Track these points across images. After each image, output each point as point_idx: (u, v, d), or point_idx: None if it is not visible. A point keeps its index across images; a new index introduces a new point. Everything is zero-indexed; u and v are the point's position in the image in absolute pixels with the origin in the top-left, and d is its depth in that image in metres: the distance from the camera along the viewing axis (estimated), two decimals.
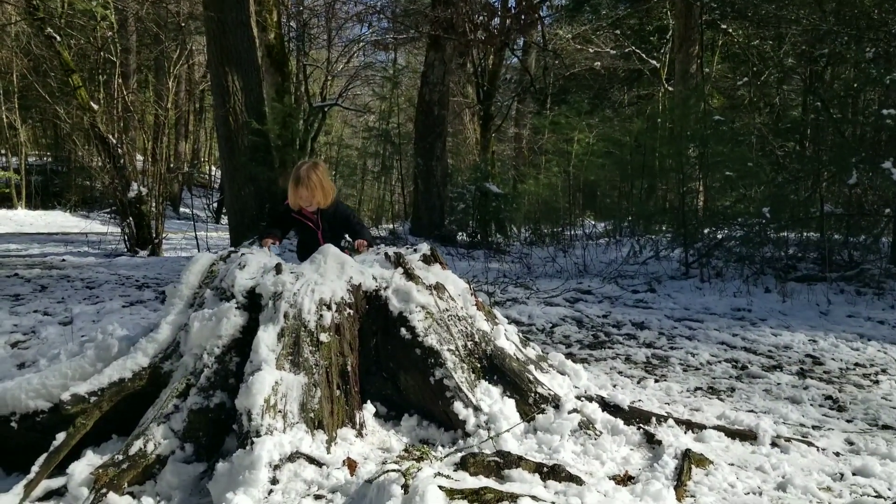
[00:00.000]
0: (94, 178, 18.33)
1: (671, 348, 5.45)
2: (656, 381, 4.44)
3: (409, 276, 3.46)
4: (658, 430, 3.19)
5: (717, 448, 3.14)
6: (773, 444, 3.19)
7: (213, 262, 3.47)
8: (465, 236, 14.98)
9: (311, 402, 2.85)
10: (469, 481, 2.39)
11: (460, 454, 2.72)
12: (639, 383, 4.37)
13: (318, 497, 2.45)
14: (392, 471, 2.33)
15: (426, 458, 2.73)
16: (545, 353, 3.93)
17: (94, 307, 6.54)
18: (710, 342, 5.66)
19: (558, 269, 10.03)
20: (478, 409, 3.08)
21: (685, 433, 3.26)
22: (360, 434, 3.01)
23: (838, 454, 3.17)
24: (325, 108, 20.33)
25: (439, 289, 3.49)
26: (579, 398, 3.36)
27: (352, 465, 2.68)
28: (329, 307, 3.12)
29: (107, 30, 14.00)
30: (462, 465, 2.60)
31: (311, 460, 2.63)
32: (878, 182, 8.59)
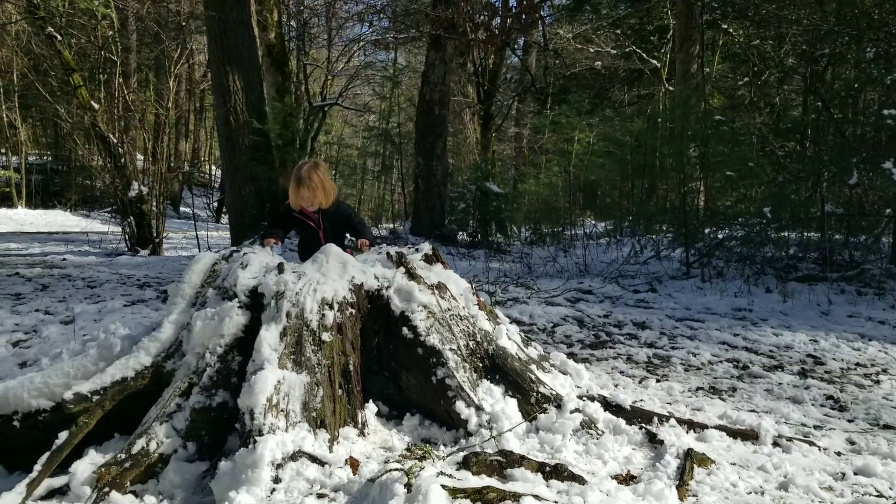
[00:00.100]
0: (95, 177, 18.34)
1: (672, 348, 5.45)
2: (658, 380, 4.45)
3: (411, 275, 3.45)
4: (660, 430, 3.19)
5: (718, 448, 3.14)
6: (775, 444, 3.19)
7: (215, 262, 3.47)
8: (466, 236, 14.98)
9: (314, 401, 2.86)
10: (472, 480, 2.40)
11: (462, 453, 2.72)
12: (640, 383, 4.37)
13: (320, 496, 2.45)
14: (395, 470, 2.33)
15: (428, 458, 2.74)
16: (547, 352, 3.93)
17: (96, 306, 6.54)
18: (712, 342, 5.66)
19: (559, 268, 10.03)
20: (480, 408, 3.08)
21: (687, 433, 3.26)
22: (362, 433, 3.02)
23: (840, 454, 3.17)
24: (326, 108, 20.33)
25: (441, 288, 3.49)
26: (581, 398, 3.36)
27: (354, 464, 2.68)
28: (331, 306, 3.12)
29: (107, 29, 14.00)
30: (464, 465, 2.60)
31: (313, 459, 2.63)
32: (879, 182, 8.60)
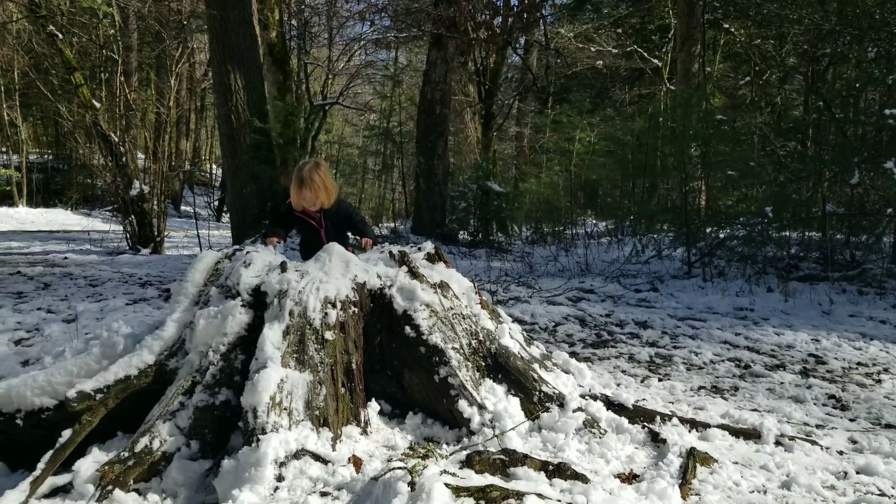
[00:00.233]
0: (96, 176, 18.32)
1: (674, 347, 5.45)
2: (660, 380, 4.45)
3: (414, 274, 3.46)
4: (662, 429, 3.20)
5: (721, 447, 3.14)
6: (777, 443, 3.19)
7: (218, 260, 3.47)
8: (467, 235, 15.00)
9: (317, 399, 2.86)
10: (475, 479, 2.40)
11: (465, 452, 2.72)
12: (642, 382, 4.38)
13: (323, 494, 2.45)
14: (398, 468, 2.33)
15: (431, 456, 2.74)
16: (549, 351, 3.93)
17: (98, 305, 6.55)
18: (714, 341, 5.66)
19: (560, 268, 10.03)
20: (482, 407, 3.09)
21: (689, 432, 3.26)
22: (364, 432, 3.02)
23: (842, 453, 3.17)
24: (327, 107, 20.34)
25: (444, 287, 3.49)
26: (584, 397, 3.37)
27: (357, 462, 2.69)
28: (334, 305, 3.13)
29: (109, 27, 14.00)
30: (467, 463, 2.60)
31: (316, 457, 2.63)
32: (880, 182, 8.61)
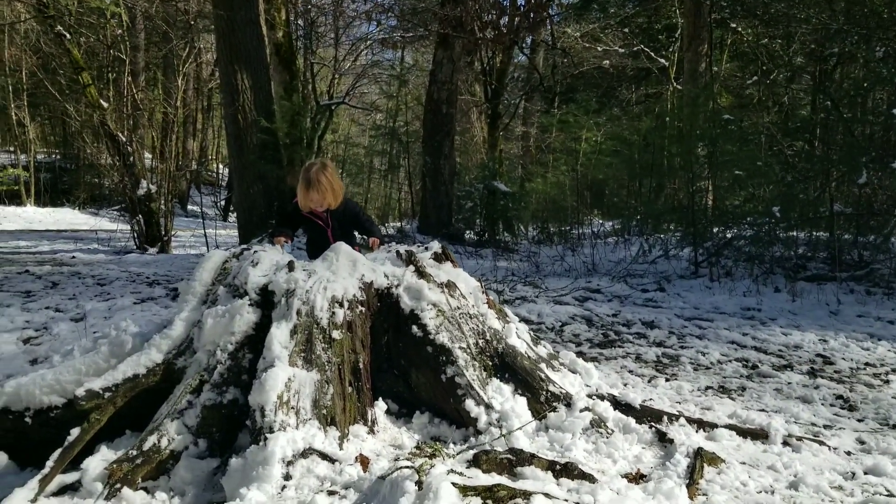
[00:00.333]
0: (103, 175, 18.42)
1: (681, 347, 5.44)
2: (667, 380, 4.44)
3: (421, 273, 3.46)
4: (670, 429, 3.19)
5: (728, 447, 3.13)
6: (785, 443, 3.19)
7: (226, 260, 3.48)
8: (473, 235, 14.99)
9: (324, 398, 2.86)
10: (482, 478, 2.40)
11: (472, 452, 2.72)
12: (650, 382, 4.37)
13: (331, 493, 2.46)
14: (405, 467, 2.34)
15: (438, 456, 2.74)
16: (556, 351, 3.94)
17: (106, 304, 6.57)
18: (721, 341, 5.65)
19: (567, 267, 10.02)
20: (489, 406, 3.09)
21: (697, 432, 3.26)
22: (371, 431, 3.02)
23: (850, 453, 3.16)
24: (333, 107, 20.36)
25: (451, 287, 3.49)
26: (591, 396, 3.37)
27: (364, 461, 2.69)
28: (341, 304, 3.13)
29: (116, 28, 14.05)
30: (474, 463, 2.60)
31: (323, 456, 2.64)
32: (888, 182, 8.57)
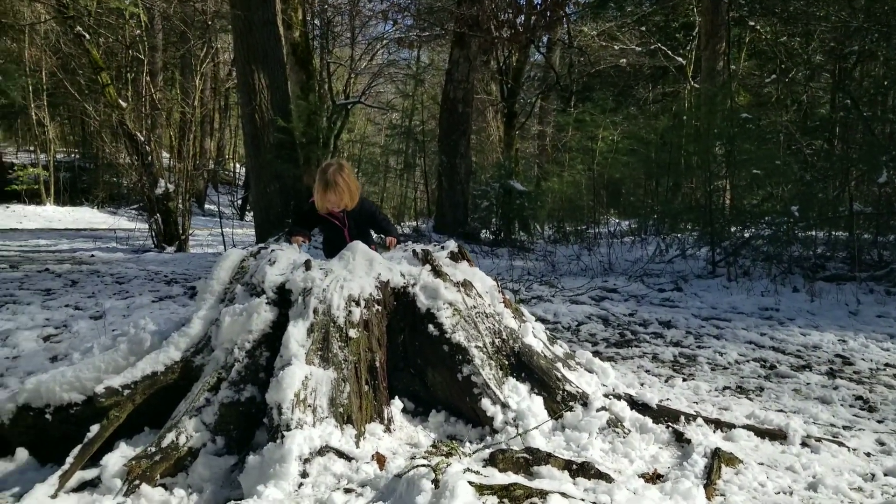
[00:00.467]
0: (122, 174, 18.54)
1: (699, 347, 5.41)
2: (684, 379, 4.42)
3: (437, 273, 3.46)
4: (687, 429, 3.17)
5: (746, 447, 3.11)
6: (804, 444, 3.16)
7: (243, 259, 3.50)
8: (489, 234, 14.98)
9: (341, 396, 2.87)
10: (498, 477, 2.40)
11: (489, 450, 2.72)
12: (666, 382, 4.35)
13: (347, 491, 2.46)
14: (422, 466, 2.34)
15: (455, 454, 2.74)
16: (572, 350, 3.92)
17: (125, 302, 6.63)
18: (738, 341, 5.61)
19: (583, 267, 9.99)
20: (506, 405, 3.09)
21: (714, 432, 3.24)
22: (388, 429, 3.03)
23: (869, 454, 3.14)
24: (349, 106, 20.38)
25: (467, 286, 3.49)
26: (607, 396, 3.35)
27: (381, 459, 2.70)
28: (358, 303, 3.14)
29: (135, 28, 14.15)
30: (491, 462, 2.60)
31: (340, 454, 2.65)
32: None
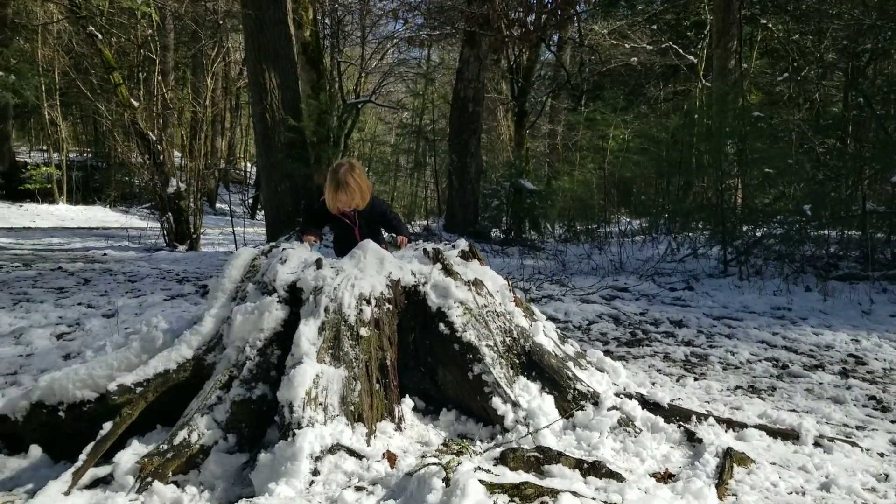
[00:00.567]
0: (134, 173, 18.65)
1: (710, 347, 5.39)
2: (696, 379, 4.41)
3: (448, 271, 3.46)
4: (698, 429, 3.16)
5: (758, 447, 3.10)
6: (816, 444, 3.14)
7: (254, 257, 3.51)
8: (500, 233, 14.96)
9: (352, 395, 2.88)
10: (509, 476, 2.39)
11: (499, 449, 2.72)
12: (678, 381, 4.34)
13: (358, 489, 2.47)
14: (432, 464, 2.34)
15: (465, 453, 2.74)
16: (583, 350, 3.91)
17: (137, 300, 6.66)
18: (750, 341, 5.59)
19: (594, 266, 9.97)
20: (516, 404, 3.08)
21: (726, 432, 3.22)
22: (398, 428, 3.03)
23: (883, 455, 3.12)
24: (359, 105, 20.41)
25: (478, 285, 3.49)
26: (618, 395, 3.34)
27: (392, 457, 2.70)
28: (368, 302, 3.15)
29: (147, 28, 14.22)
30: (501, 460, 2.60)
31: (351, 452, 2.65)
32: None
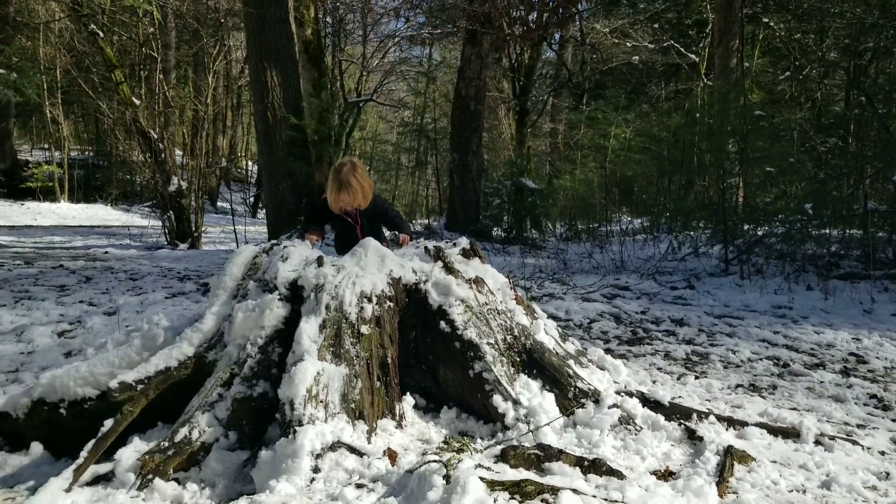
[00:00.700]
0: (135, 172, 18.65)
1: (711, 345, 5.39)
2: (696, 377, 4.41)
3: (449, 269, 3.47)
4: (699, 427, 3.16)
5: (759, 445, 3.10)
6: (817, 442, 3.14)
7: (256, 255, 3.51)
8: (501, 231, 14.95)
9: (352, 392, 2.88)
10: (509, 473, 2.40)
11: (500, 447, 2.72)
12: (679, 380, 4.34)
13: (359, 486, 2.47)
14: (433, 461, 2.35)
15: (466, 450, 2.74)
16: (584, 348, 3.92)
17: (138, 298, 6.67)
18: (751, 339, 5.59)
19: (595, 264, 9.97)
20: (517, 402, 3.08)
21: (727, 430, 3.22)
22: (399, 425, 3.04)
23: (884, 453, 3.11)
24: (361, 104, 20.41)
25: (479, 283, 3.49)
26: (619, 393, 3.35)
27: (392, 455, 2.71)
28: (370, 299, 3.15)
29: (148, 26, 14.21)
30: (502, 458, 2.61)
31: (352, 450, 2.66)
32: None
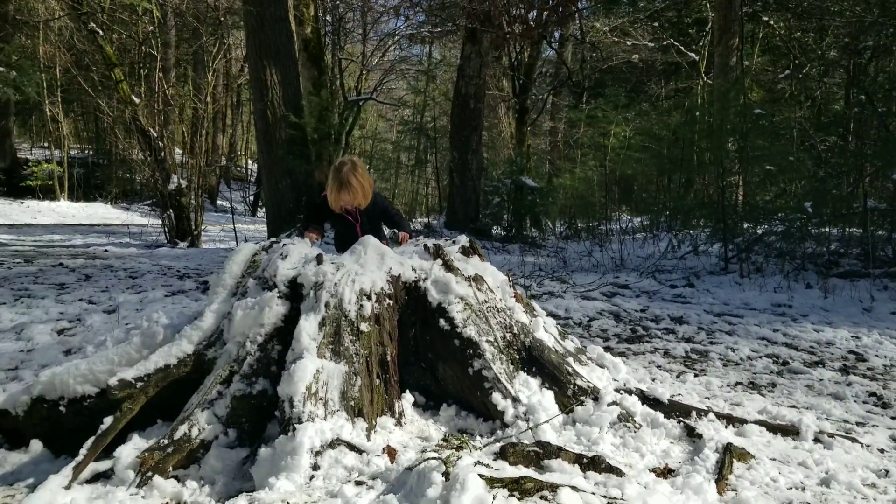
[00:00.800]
0: (135, 170, 18.59)
1: (710, 343, 5.40)
2: (696, 375, 4.41)
3: (448, 267, 3.47)
4: (698, 424, 3.17)
5: (758, 443, 3.10)
6: (816, 440, 3.15)
7: (255, 253, 3.52)
8: (500, 230, 14.95)
9: (352, 390, 2.88)
10: (509, 470, 2.40)
11: (499, 444, 2.72)
12: (678, 377, 4.34)
13: (358, 483, 2.47)
14: (432, 459, 2.35)
15: (465, 448, 2.75)
16: (583, 346, 3.92)
17: (138, 296, 6.67)
18: (751, 337, 5.59)
19: (594, 263, 9.97)
20: (516, 399, 3.09)
21: (726, 427, 3.23)
22: (399, 423, 3.04)
23: (883, 451, 3.12)
24: (361, 102, 20.39)
25: (478, 280, 3.49)
26: (618, 391, 3.35)
27: (392, 452, 2.71)
28: (369, 297, 3.15)
29: (148, 24, 14.21)
30: (501, 455, 2.61)
31: (351, 447, 2.66)
32: None
